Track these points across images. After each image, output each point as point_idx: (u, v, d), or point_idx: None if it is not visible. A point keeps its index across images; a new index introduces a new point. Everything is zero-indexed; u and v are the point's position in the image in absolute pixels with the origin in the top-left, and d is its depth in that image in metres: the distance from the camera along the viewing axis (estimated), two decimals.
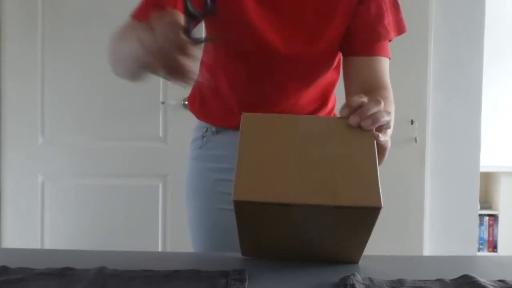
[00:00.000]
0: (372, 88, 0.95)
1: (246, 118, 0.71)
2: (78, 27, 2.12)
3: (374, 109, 0.70)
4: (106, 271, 0.68)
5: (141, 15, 0.86)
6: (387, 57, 0.99)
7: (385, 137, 0.72)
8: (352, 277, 0.64)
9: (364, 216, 0.64)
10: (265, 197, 0.63)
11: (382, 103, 0.71)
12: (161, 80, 2.11)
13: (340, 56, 1.02)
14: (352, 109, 0.70)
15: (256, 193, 0.64)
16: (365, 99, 0.72)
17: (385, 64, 0.98)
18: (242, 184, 0.64)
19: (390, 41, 1.00)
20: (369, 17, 0.96)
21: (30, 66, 2.13)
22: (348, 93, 0.99)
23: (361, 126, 0.69)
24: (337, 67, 1.06)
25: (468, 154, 2.11)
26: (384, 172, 0.71)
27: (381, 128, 0.72)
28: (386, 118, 0.70)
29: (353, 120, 0.69)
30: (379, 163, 0.72)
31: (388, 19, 0.97)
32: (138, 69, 0.67)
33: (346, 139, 0.68)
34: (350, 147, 0.67)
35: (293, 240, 0.72)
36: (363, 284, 0.63)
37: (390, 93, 0.96)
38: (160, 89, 2.12)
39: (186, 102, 2.07)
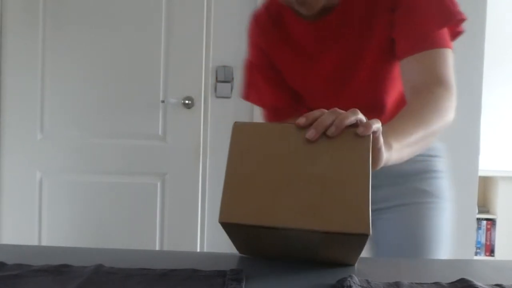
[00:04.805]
0: (422, 86, 0.88)
1: (237, 128, 0.68)
2: (80, 23, 2.12)
3: (330, 119, 0.65)
4: (103, 268, 0.68)
5: (250, 97, 1.15)
6: (439, 47, 0.91)
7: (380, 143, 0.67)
8: (349, 279, 0.64)
9: (352, 241, 0.63)
10: (251, 220, 0.62)
11: (338, 111, 0.66)
12: (161, 79, 2.11)
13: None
14: (308, 121, 0.66)
15: (242, 215, 0.63)
16: (323, 111, 0.68)
17: (435, 56, 0.91)
18: (229, 204, 0.63)
19: (450, 31, 0.94)
20: (403, 20, 0.94)
21: (30, 62, 2.13)
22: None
23: (327, 134, 0.65)
24: None
25: (467, 158, 2.10)
26: None
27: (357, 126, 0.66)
28: (351, 118, 0.65)
29: (309, 134, 0.65)
30: (378, 158, 0.69)
31: (426, 13, 0.93)
32: None
33: (340, 154, 0.64)
34: (343, 164, 0.64)
35: (285, 250, 0.71)
36: (360, 286, 0.63)
37: (443, 88, 0.87)
38: (160, 88, 2.11)
39: (186, 101, 2.09)
